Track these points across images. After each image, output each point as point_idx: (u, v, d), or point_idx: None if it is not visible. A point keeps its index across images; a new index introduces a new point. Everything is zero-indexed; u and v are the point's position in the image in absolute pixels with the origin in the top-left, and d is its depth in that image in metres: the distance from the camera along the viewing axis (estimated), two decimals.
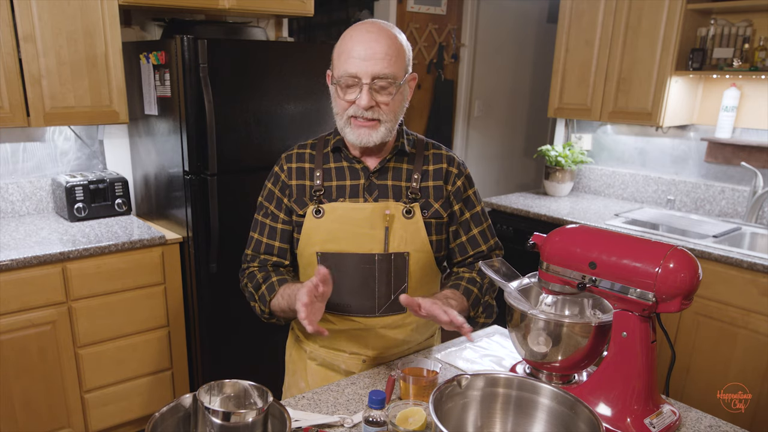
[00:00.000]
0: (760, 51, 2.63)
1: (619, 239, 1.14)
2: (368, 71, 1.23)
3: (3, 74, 2.22)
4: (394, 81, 1.26)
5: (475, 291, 1.39)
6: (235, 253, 1.50)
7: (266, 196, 1.43)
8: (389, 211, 1.33)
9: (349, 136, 1.30)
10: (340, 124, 1.31)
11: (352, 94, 1.26)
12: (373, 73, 1.23)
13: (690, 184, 3.09)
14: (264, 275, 1.39)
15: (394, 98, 1.27)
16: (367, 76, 1.23)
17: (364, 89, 1.24)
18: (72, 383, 2.33)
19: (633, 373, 1.12)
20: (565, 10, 3.17)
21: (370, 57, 1.23)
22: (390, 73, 1.24)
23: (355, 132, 1.28)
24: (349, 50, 1.25)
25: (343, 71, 1.25)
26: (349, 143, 1.36)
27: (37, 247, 2.21)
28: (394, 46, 1.26)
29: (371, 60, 1.23)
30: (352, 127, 1.29)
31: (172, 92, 2.39)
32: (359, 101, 1.24)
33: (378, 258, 1.33)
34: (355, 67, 1.23)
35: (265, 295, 1.37)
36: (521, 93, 4.92)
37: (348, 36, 1.27)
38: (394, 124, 1.31)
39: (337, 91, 1.28)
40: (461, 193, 1.41)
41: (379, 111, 1.27)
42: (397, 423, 1.03)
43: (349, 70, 1.24)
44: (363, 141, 1.28)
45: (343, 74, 1.25)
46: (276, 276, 1.38)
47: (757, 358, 2.31)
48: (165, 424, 0.96)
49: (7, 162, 2.61)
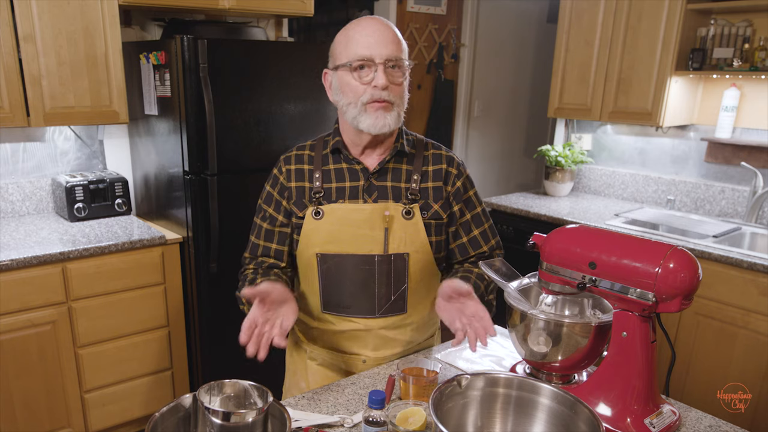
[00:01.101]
0: (760, 51, 2.63)
1: (619, 239, 1.14)
2: (381, 53, 1.24)
3: (3, 74, 2.22)
4: (403, 65, 1.27)
5: (482, 288, 1.38)
6: (235, 254, 1.50)
7: (265, 199, 1.43)
8: (389, 212, 1.33)
9: (365, 122, 1.27)
10: (353, 113, 1.28)
11: (366, 76, 1.26)
12: (386, 54, 1.24)
13: (690, 184, 3.09)
14: (252, 279, 1.36)
15: (403, 81, 1.29)
16: (381, 57, 1.24)
17: (380, 69, 1.24)
18: (72, 383, 2.33)
19: (633, 373, 1.12)
20: (565, 10, 3.17)
21: (380, 40, 1.24)
22: (400, 55, 1.27)
23: (373, 116, 1.26)
24: (356, 37, 1.25)
25: (353, 55, 1.25)
26: (349, 141, 1.35)
27: (37, 247, 2.21)
28: (398, 34, 1.29)
29: (382, 43, 1.24)
30: (368, 112, 1.27)
31: (172, 92, 2.39)
32: (376, 81, 1.24)
33: (378, 259, 1.33)
34: (367, 49, 1.24)
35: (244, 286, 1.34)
36: (521, 93, 4.91)
37: (351, 27, 1.28)
38: (402, 109, 1.32)
39: (349, 75, 1.26)
40: (461, 195, 1.41)
41: (392, 93, 1.27)
42: (397, 423, 1.03)
43: (361, 53, 1.24)
44: (379, 125, 1.27)
45: (353, 57, 1.25)
46: (261, 278, 1.34)
47: (757, 358, 2.31)
48: (165, 424, 0.96)
49: (7, 162, 2.61)
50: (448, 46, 4.36)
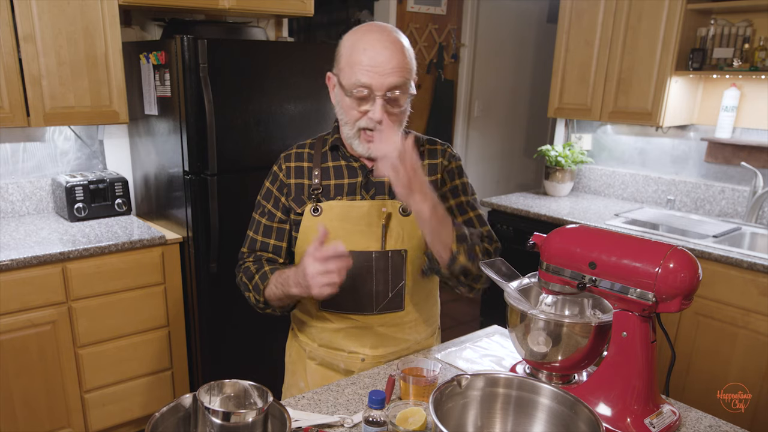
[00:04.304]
0: (760, 51, 2.63)
1: (619, 239, 1.14)
2: (382, 83, 1.22)
3: (3, 74, 2.22)
4: (406, 90, 1.26)
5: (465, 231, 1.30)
6: (235, 253, 1.50)
7: (264, 195, 1.43)
8: (386, 208, 1.34)
9: (358, 148, 1.31)
10: (349, 133, 1.31)
11: (365, 105, 1.25)
12: (387, 85, 1.22)
13: (690, 184, 3.09)
14: (257, 267, 1.40)
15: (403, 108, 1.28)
16: (381, 88, 1.22)
17: (378, 102, 1.23)
18: (72, 383, 2.33)
19: (633, 373, 1.12)
20: (565, 10, 3.17)
21: (384, 68, 1.21)
22: (403, 82, 1.24)
23: (364, 145, 1.30)
24: (361, 58, 1.23)
25: (356, 81, 1.23)
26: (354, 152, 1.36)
27: (37, 247, 2.21)
28: (406, 55, 1.25)
29: (386, 71, 1.22)
30: (361, 140, 1.29)
31: (172, 92, 2.39)
32: (372, 114, 1.24)
33: (375, 255, 1.33)
34: (368, 78, 1.22)
35: (259, 284, 1.37)
36: (521, 93, 4.92)
37: (359, 40, 1.25)
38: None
39: (348, 100, 1.27)
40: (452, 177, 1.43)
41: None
42: (397, 423, 1.03)
43: (362, 80, 1.22)
44: (372, 154, 1.28)
45: (355, 84, 1.23)
46: (269, 266, 1.39)
47: (757, 358, 2.31)
48: (165, 424, 0.96)
49: (7, 162, 2.61)
50: (448, 46, 4.36)
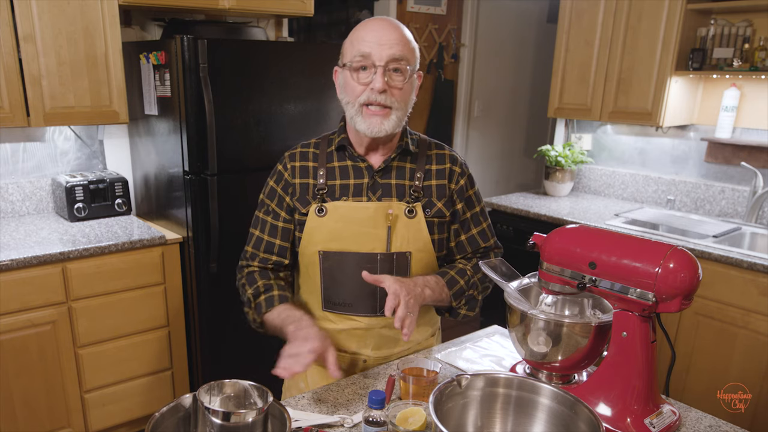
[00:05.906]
0: (760, 51, 2.62)
1: (619, 239, 1.14)
2: (383, 54, 1.23)
3: (3, 74, 2.22)
4: (407, 64, 1.26)
5: (461, 283, 1.38)
6: (235, 253, 1.50)
7: (268, 194, 1.42)
8: (392, 210, 1.33)
9: (360, 125, 1.28)
10: (351, 112, 1.29)
11: (366, 77, 1.26)
12: (388, 55, 1.23)
13: (690, 184, 3.09)
14: (265, 283, 1.38)
15: (405, 85, 1.28)
16: (382, 58, 1.23)
17: (379, 71, 1.24)
18: (72, 383, 2.33)
19: (633, 373, 1.12)
20: (565, 10, 3.17)
21: (384, 41, 1.24)
22: (404, 55, 1.25)
23: (367, 121, 1.27)
24: (362, 34, 1.25)
25: (357, 52, 1.25)
26: (354, 139, 1.36)
27: (37, 247, 2.21)
28: (407, 35, 1.28)
29: (386, 44, 1.23)
30: (363, 116, 1.27)
31: (172, 92, 2.39)
32: (374, 83, 1.24)
33: (380, 257, 1.33)
34: (369, 47, 1.23)
35: (262, 305, 1.36)
36: (521, 93, 4.91)
37: (361, 25, 1.28)
38: (404, 113, 1.30)
39: (349, 75, 1.27)
40: (464, 192, 1.42)
41: (391, 97, 1.26)
42: (397, 423, 1.03)
43: (363, 50, 1.24)
44: (374, 131, 1.27)
45: (356, 54, 1.25)
46: (277, 289, 1.37)
47: (757, 358, 2.31)
48: (165, 424, 0.96)
49: (7, 162, 2.61)
50: (448, 46, 4.36)
